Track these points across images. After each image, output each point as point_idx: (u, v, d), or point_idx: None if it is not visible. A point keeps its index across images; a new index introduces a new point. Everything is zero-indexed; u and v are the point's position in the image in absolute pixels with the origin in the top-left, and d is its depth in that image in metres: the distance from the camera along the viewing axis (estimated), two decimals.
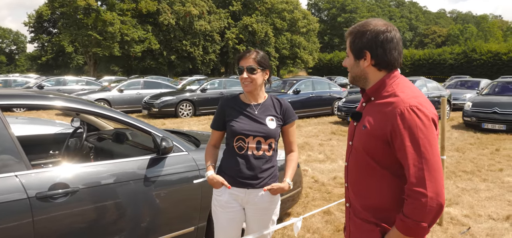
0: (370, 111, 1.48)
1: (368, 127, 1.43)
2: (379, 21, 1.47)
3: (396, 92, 1.41)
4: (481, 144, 8.24)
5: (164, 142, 2.71)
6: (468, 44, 48.63)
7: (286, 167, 2.22)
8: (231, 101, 2.18)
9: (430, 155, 1.29)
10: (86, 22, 37.46)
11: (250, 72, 2.09)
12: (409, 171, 1.30)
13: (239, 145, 2.11)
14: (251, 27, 46.15)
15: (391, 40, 1.44)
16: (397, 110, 1.34)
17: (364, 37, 1.46)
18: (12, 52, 78.90)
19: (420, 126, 1.31)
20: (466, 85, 17.03)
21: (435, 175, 1.29)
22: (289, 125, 2.21)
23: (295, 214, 4.16)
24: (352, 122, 1.60)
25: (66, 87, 16.62)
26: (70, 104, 2.67)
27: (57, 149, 3.99)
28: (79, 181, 2.42)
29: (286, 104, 2.23)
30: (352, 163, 1.55)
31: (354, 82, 1.58)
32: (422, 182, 1.28)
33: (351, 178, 1.57)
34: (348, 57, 1.56)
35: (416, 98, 1.37)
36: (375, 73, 1.49)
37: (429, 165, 1.29)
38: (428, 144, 1.30)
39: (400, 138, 1.32)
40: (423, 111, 1.33)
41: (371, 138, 1.42)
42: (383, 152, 1.40)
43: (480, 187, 5.11)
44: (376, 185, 1.44)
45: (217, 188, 2.14)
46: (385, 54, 1.44)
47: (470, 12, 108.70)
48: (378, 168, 1.43)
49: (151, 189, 2.69)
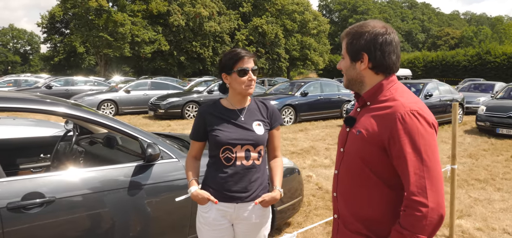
0: (365, 116, 1.38)
1: (363, 132, 1.35)
2: (377, 23, 1.38)
3: (394, 96, 1.35)
4: (495, 150, 7.91)
5: (150, 148, 2.54)
6: (482, 46, 47.61)
7: (272, 174, 2.05)
8: (211, 108, 1.98)
9: (432, 162, 1.22)
10: (97, 23, 37.78)
11: (254, 74, 1.91)
12: (409, 179, 1.22)
13: (227, 156, 1.91)
14: (261, 28, 45.96)
15: (390, 42, 1.36)
16: (397, 114, 1.27)
17: (362, 39, 1.37)
18: (26, 53, 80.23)
19: (421, 131, 1.24)
20: (480, 89, 16.57)
21: (436, 184, 1.21)
22: (276, 128, 2.05)
23: (295, 224, 3.95)
24: (344, 127, 1.48)
25: (75, 87, 16.67)
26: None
27: (49, 152, 3.87)
28: (56, 190, 2.25)
29: (272, 107, 2.06)
30: (344, 171, 1.44)
31: (349, 86, 1.47)
32: (423, 191, 1.20)
33: (341, 187, 1.46)
34: (343, 59, 1.46)
35: (416, 103, 1.30)
36: (372, 77, 1.40)
37: (430, 173, 1.21)
38: (430, 151, 1.23)
39: (399, 144, 1.24)
40: (424, 116, 1.27)
41: (366, 144, 1.33)
42: (378, 159, 1.31)
43: (495, 197, 4.82)
44: (369, 194, 1.35)
45: (203, 205, 1.95)
46: (384, 57, 1.36)
47: (484, 13, 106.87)
48: (372, 177, 1.34)
49: (135, 199, 2.52)
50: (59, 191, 2.25)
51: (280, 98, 12.00)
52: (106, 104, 13.72)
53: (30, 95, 2.82)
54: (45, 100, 2.58)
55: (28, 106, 2.42)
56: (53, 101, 2.61)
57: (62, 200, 2.25)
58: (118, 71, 43.46)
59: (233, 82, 1.91)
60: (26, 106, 2.42)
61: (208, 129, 1.94)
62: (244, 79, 1.88)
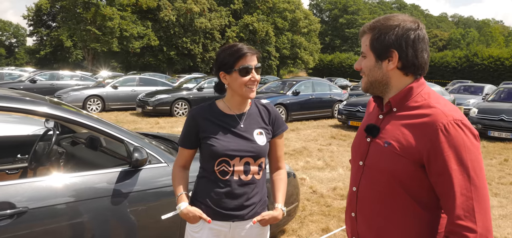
0: (393, 124, 1.18)
1: (394, 145, 1.15)
2: (406, 16, 1.19)
3: (430, 103, 1.15)
4: (488, 153, 7.85)
5: (137, 152, 2.31)
6: (470, 48, 48.23)
7: (275, 189, 1.78)
8: (206, 112, 1.71)
9: (480, 181, 1.06)
10: (85, 16, 37.02)
11: (258, 73, 1.65)
12: (455, 200, 1.05)
13: (222, 169, 1.65)
14: (252, 26, 45.69)
15: (422, 39, 1.17)
16: (439, 124, 1.09)
17: (391, 33, 1.16)
18: (12, 45, 78.32)
19: (468, 145, 1.07)
20: (470, 90, 16.63)
21: (485, 206, 1.06)
22: (279, 136, 1.78)
23: (290, 231, 3.75)
24: (363, 136, 1.26)
25: (60, 82, 16.18)
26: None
27: (28, 153, 3.59)
28: (29, 199, 2.01)
29: (275, 112, 1.79)
30: (366, 189, 1.23)
31: (370, 89, 1.24)
32: (471, 214, 1.04)
33: (363, 207, 1.24)
34: (364, 57, 1.23)
35: (457, 112, 1.13)
36: (400, 79, 1.20)
37: (479, 193, 1.05)
38: (478, 168, 1.07)
39: (442, 159, 1.07)
40: (469, 128, 1.10)
41: (399, 158, 1.14)
42: (414, 176, 1.13)
43: (492, 204, 4.70)
44: (400, 216, 1.17)
45: (194, 223, 1.69)
46: (416, 55, 1.16)
47: (471, 16, 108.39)
48: (404, 196, 1.15)
49: (120, 208, 2.28)
50: (32, 201, 2.01)
51: (271, 97, 11.80)
52: (93, 100, 13.34)
53: (9, 92, 2.56)
54: (25, 99, 2.32)
55: (5, 105, 2.16)
56: (33, 100, 2.35)
57: (36, 210, 2.00)
58: (106, 66, 42.70)
59: (233, 82, 1.64)
60: (4, 105, 2.16)
61: (201, 135, 1.69)
62: (246, 79, 1.61)
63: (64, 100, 12.79)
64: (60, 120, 2.36)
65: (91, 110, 13.19)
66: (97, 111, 13.33)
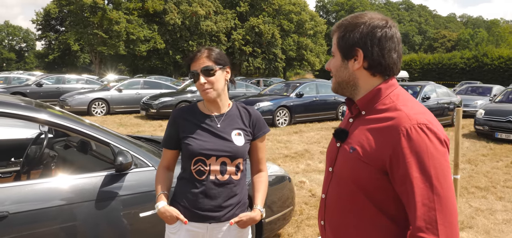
0: (360, 129, 1.11)
1: (358, 150, 1.08)
2: (376, 14, 1.12)
3: (396, 105, 1.08)
4: (495, 156, 7.69)
5: (121, 156, 2.27)
6: (479, 49, 47.63)
7: (254, 191, 1.78)
8: (186, 112, 1.72)
9: (444, 190, 0.97)
10: (92, 20, 37.38)
11: (207, 75, 1.62)
12: (416, 211, 0.97)
13: (198, 169, 1.65)
14: (258, 28, 45.68)
15: (391, 38, 1.09)
16: (401, 128, 1.01)
17: (356, 31, 1.09)
18: (22, 50, 79.41)
19: (431, 151, 0.98)
20: (478, 91, 16.39)
21: (450, 217, 0.97)
22: (260, 139, 1.77)
23: (285, 235, 3.69)
24: (334, 141, 1.20)
25: (66, 85, 16.31)
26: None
27: (22, 156, 3.58)
28: (10, 203, 1.98)
29: (256, 114, 1.78)
30: (333, 196, 1.17)
31: (339, 90, 1.18)
32: (433, 226, 0.95)
33: (330, 216, 1.18)
34: (333, 57, 1.18)
35: (424, 114, 1.04)
36: (368, 79, 1.13)
37: (442, 203, 0.96)
38: (441, 175, 0.98)
39: (404, 166, 0.99)
40: (434, 132, 1.01)
41: (362, 165, 1.07)
42: (378, 184, 1.05)
43: (497, 207, 4.59)
44: (365, 228, 1.09)
45: (171, 224, 1.68)
46: (383, 55, 1.09)
47: (480, 16, 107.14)
48: (369, 206, 1.08)
49: (104, 213, 2.24)
50: (14, 205, 1.98)
51: (274, 99, 11.74)
52: (97, 103, 13.40)
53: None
54: (9, 102, 2.31)
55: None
56: (15, 103, 2.33)
57: (16, 215, 1.97)
58: (113, 70, 43.08)
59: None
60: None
61: (181, 135, 1.69)
62: (197, 84, 1.64)
63: (69, 103, 12.89)
64: (44, 123, 2.33)
65: (96, 114, 13.26)
66: (102, 114, 13.40)
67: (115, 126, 10.96)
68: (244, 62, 46.61)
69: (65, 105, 12.82)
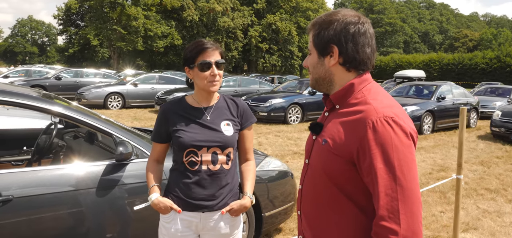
0: (333, 122, 1.17)
1: (329, 142, 1.13)
2: (349, 11, 1.17)
3: (367, 99, 1.12)
4: (509, 158, 7.52)
5: (121, 146, 2.35)
6: (501, 49, 46.23)
7: (243, 179, 1.84)
8: (175, 106, 1.77)
9: (408, 181, 1.02)
10: (111, 16, 38.09)
11: (218, 68, 1.70)
12: (379, 200, 1.02)
13: (191, 160, 1.71)
14: (275, 25, 45.68)
15: (363, 33, 1.14)
16: (368, 121, 1.06)
17: (330, 28, 1.14)
18: (44, 44, 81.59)
19: (396, 143, 1.03)
20: (497, 93, 15.94)
21: (412, 207, 1.01)
22: (247, 128, 1.84)
23: (287, 230, 3.72)
24: (311, 135, 1.25)
25: (84, 79, 16.69)
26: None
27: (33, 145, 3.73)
28: (15, 188, 2.08)
29: (243, 105, 1.84)
30: (308, 187, 1.22)
31: (316, 86, 1.23)
32: (395, 215, 1.00)
33: (305, 206, 1.23)
34: (310, 54, 1.23)
35: (391, 108, 1.09)
36: (343, 75, 1.17)
37: (405, 194, 1.01)
38: (405, 167, 1.02)
39: (369, 157, 1.04)
40: (400, 125, 1.05)
41: (332, 157, 1.12)
42: (347, 175, 1.10)
43: (505, 210, 4.51)
44: (337, 218, 1.14)
45: (165, 214, 1.75)
46: (357, 50, 1.13)
47: (505, 16, 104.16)
48: (340, 197, 1.12)
49: (103, 201, 2.33)
50: (18, 190, 2.08)
51: (287, 96, 11.75)
52: (113, 97, 13.69)
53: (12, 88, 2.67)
54: (12, 91, 2.42)
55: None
56: (20, 93, 2.44)
57: (21, 199, 2.08)
58: (131, 65, 43.78)
59: (195, 77, 1.71)
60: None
61: (170, 129, 1.75)
62: (206, 74, 1.68)
63: (86, 97, 13.21)
64: (49, 113, 2.43)
65: (112, 107, 13.54)
66: (117, 108, 13.68)
67: (130, 120, 11.18)
68: (260, 59, 46.68)
69: (82, 98, 13.14)
